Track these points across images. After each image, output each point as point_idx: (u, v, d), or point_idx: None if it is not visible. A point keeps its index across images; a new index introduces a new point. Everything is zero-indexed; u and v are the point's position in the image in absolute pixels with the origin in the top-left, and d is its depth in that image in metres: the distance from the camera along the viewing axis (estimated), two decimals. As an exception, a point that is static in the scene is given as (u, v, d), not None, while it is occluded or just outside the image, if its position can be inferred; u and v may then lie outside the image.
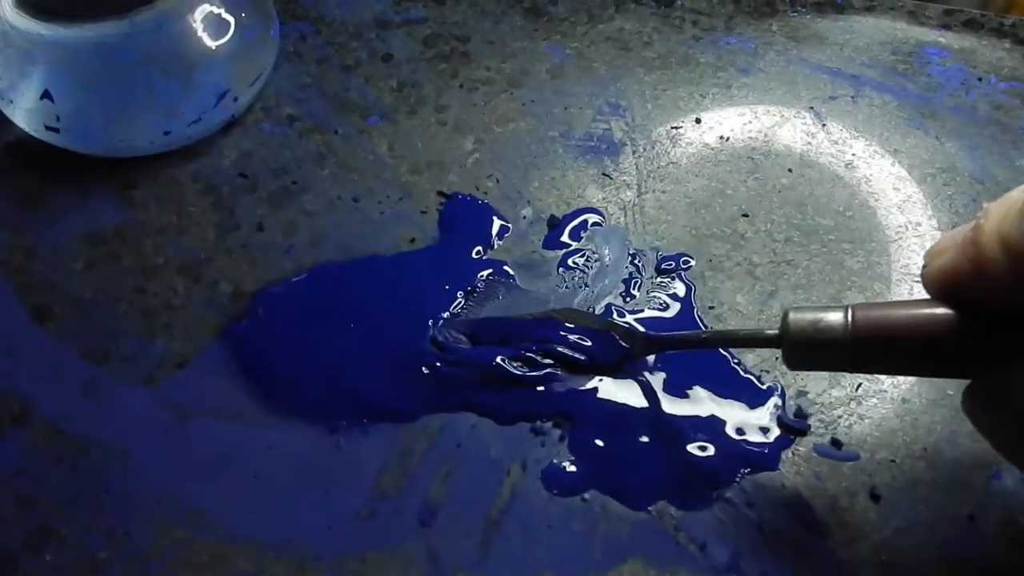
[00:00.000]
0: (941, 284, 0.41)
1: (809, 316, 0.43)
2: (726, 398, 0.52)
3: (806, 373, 0.53)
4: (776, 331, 0.45)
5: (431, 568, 0.46)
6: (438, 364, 0.51)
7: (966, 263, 0.38)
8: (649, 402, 0.51)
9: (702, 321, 0.55)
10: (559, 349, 0.52)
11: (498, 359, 0.51)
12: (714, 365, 0.53)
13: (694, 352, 0.53)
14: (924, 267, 0.42)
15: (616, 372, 0.52)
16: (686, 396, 0.52)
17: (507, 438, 0.50)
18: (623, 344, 0.52)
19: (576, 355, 0.51)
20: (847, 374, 0.53)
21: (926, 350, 0.41)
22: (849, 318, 0.42)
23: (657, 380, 0.52)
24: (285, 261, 0.55)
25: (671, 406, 0.51)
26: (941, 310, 0.40)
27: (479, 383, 0.51)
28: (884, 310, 0.42)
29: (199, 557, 0.45)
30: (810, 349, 0.43)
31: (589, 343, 0.52)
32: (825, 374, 0.53)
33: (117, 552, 0.45)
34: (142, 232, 0.55)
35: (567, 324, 0.52)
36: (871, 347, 0.42)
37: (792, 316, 0.44)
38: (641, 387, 0.52)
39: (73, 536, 0.45)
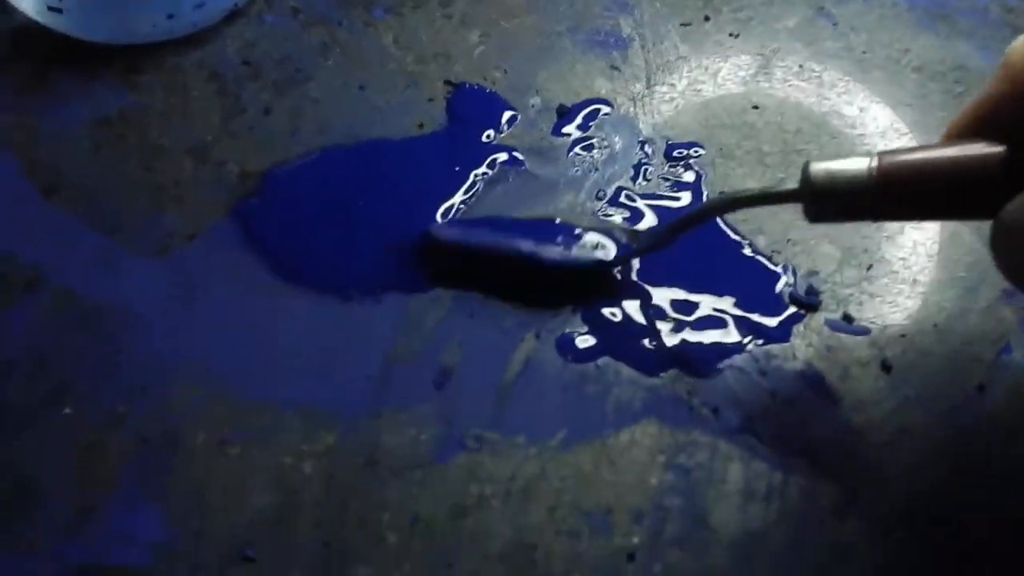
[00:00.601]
0: (973, 117, 0.44)
1: (831, 165, 0.45)
2: (738, 277, 0.57)
3: (817, 253, 0.58)
4: (795, 185, 0.47)
5: (446, 426, 0.50)
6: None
7: (998, 85, 0.42)
8: (663, 277, 0.56)
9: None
10: (558, 250, 0.55)
11: None
12: (725, 248, 0.58)
13: (705, 236, 0.58)
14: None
15: (618, 270, 0.56)
16: (698, 275, 0.57)
17: (520, 310, 0.55)
18: (626, 243, 0.56)
19: (577, 255, 0.55)
20: (859, 252, 0.58)
21: (954, 188, 0.43)
22: (873, 163, 0.44)
23: (669, 263, 0.57)
24: (292, 145, 0.59)
25: (684, 287, 0.56)
26: (969, 144, 0.43)
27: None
28: (909, 153, 0.45)
29: (216, 413, 0.49)
30: (834, 199, 0.45)
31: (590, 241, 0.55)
32: (836, 254, 0.58)
33: (134, 407, 0.49)
34: (147, 116, 0.60)
35: (566, 224, 0.56)
36: (897, 191, 0.44)
37: (813, 167, 0.46)
38: (658, 261, 0.56)
39: (90, 393, 0.49)
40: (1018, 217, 0.41)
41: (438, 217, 0.58)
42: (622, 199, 0.59)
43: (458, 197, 0.58)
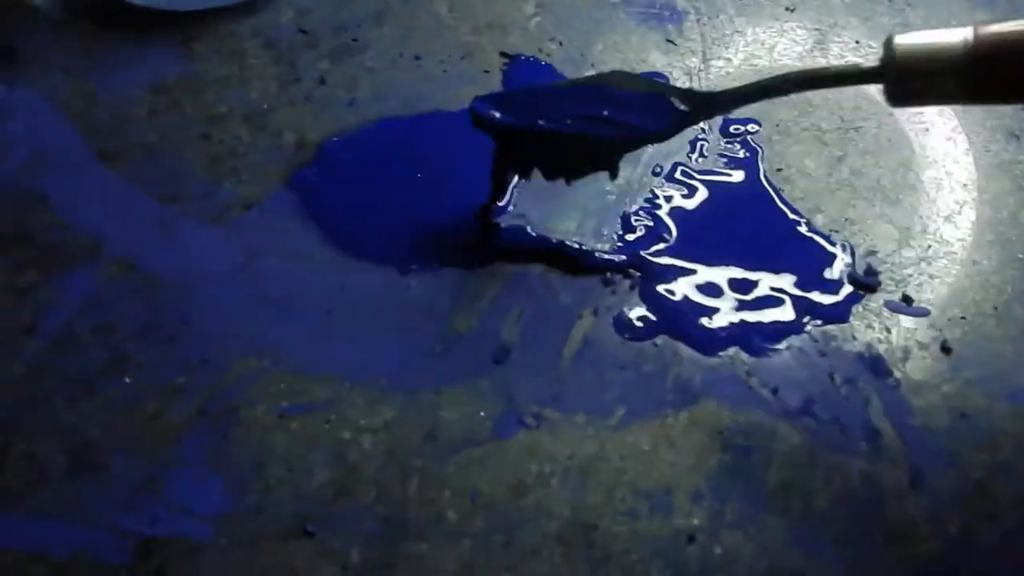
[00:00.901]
0: None
1: (919, 38, 0.40)
2: (796, 256, 0.54)
3: (876, 232, 0.55)
4: (875, 63, 0.41)
5: (505, 402, 0.48)
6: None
7: None
8: (720, 255, 0.53)
9: (770, 183, 0.56)
10: (604, 115, 0.48)
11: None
12: (783, 226, 0.55)
13: (763, 214, 0.55)
14: None
15: (669, 138, 0.50)
16: (756, 254, 0.54)
17: (578, 286, 0.52)
18: (680, 107, 0.49)
19: (625, 120, 0.48)
20: (918, 232, 0.55)
21: None
22: (969, 36, 0.39)
23: (728, 239, 0.54)
24: (348, 114, 0.57)
25: (741, 265, 0.53)
26: None
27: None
28: (1010, 24, 0.39)
29: (276, 386, 0.47)
30: (922, 77, 0.40)
31: (639, 108, 0.49)
32: (895, 233, 0.55)
33: (194, 378, 0.47)
34: (204, 83, 0.57)
35: (615, 90, 0.49)
36: (997, 66, 0.39)
37: (898, 41, 0.40)
38: (715, 239, 0.54)
39: (150, 363, 0.47)
40: None
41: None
42: (678, 175, 0.56)
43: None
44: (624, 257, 0.53)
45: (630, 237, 0.54)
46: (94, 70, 0.56)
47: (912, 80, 0.40)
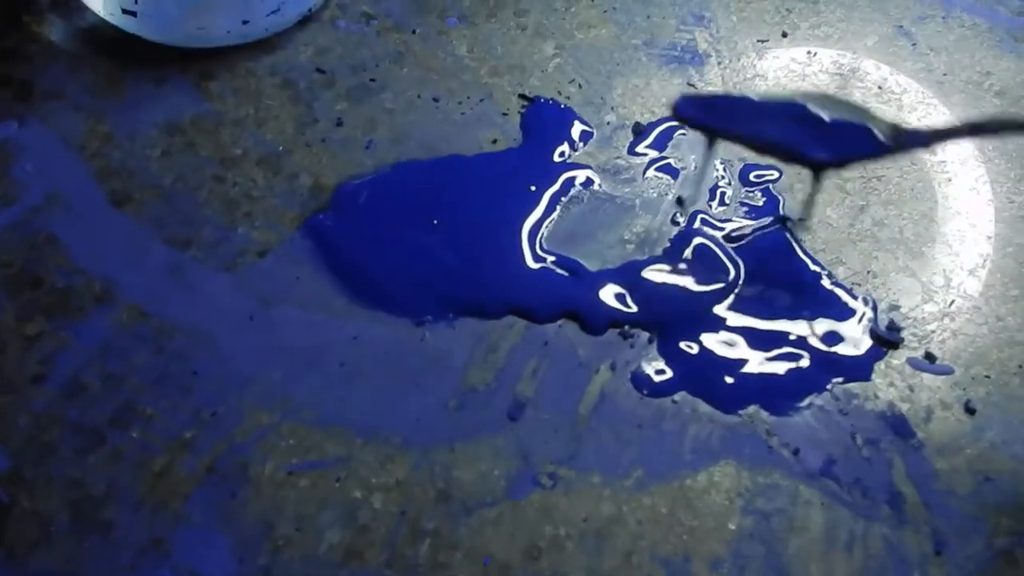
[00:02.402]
0: None
1: None
2: (817, 309, 0.52)
3: (898, 286, 0.52)
4: None
5: (521, 461, 0.46)
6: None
7: None
8: (740, 309, 0.51)
9: (792, 234, 0.54)
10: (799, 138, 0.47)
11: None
12: (804, 277, 0.53)
13: (785, 265, 0.53)
14: None
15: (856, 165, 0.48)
16: (776, 307, 0.51)
17: (595, 339, 0.50)
18: (883, 140, 0.47)
19: (818, 150, 0.47)
20: (941, 286, 0.52)
21: None
22: None
23: (748, 291, 0.52)
24: (365, 157, 0.54)
25: (763, 317, 0.51)
26: None
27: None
28: None
29: (286, 441, 0.45)
30: None
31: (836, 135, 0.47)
32: (917, 287, 0.53)
33: (204, 432, 0.45)
34: (219, 123, 0.55)
35: (815, 110, 0.47)
36: None
37: None
38: (730, 294, 0.51)
39: (160, 415, 0.45)
40: None
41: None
42: (697, 224, 0.54)
43: (533, 218, 0.53)
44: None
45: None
46: (109, 108, 0.54)
47: None
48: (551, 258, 0.51)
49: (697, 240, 0.53)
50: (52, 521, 0.42)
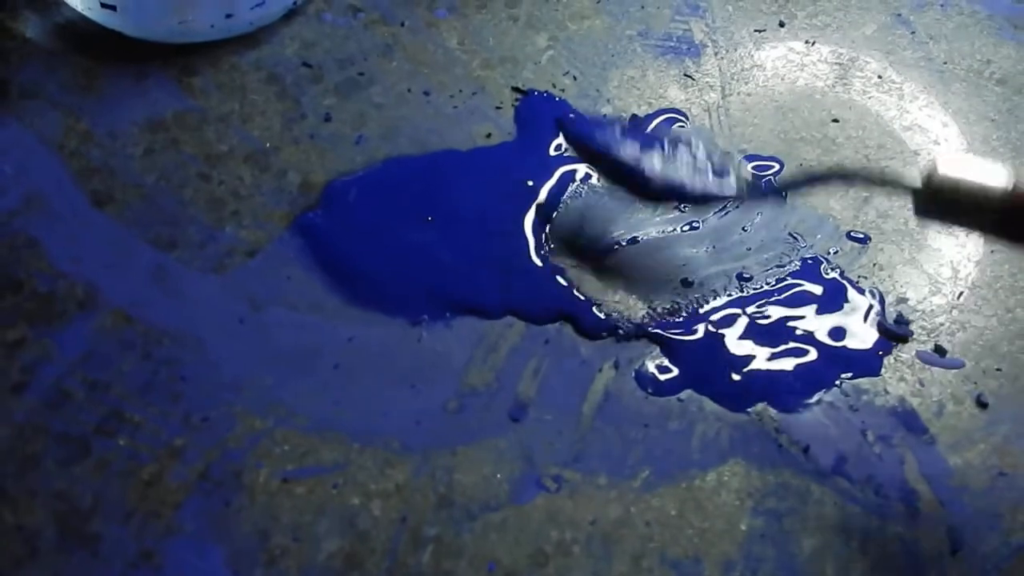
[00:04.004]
0: None
1: (961, 172, 0.40)
2: (825, 304, 0.51)
3: (905, 279, 0.52)
4: (917, 181, 0.42)
5: (524, 464, 0.45)
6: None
7: None
8: (745, 305, 0.50)
9: (792, 231, 0.53)
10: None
11: None
12: (810, 272, 0.52)
13: (790, 258, 0.52)
14: None
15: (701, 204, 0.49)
16: (784, 302, 0.51)
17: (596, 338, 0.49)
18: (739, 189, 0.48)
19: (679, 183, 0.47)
20: (948, 278, 0.52)
21: None
22: (1010, 185, 0.40)
23: (754, 285, 0.51)
24: (355, 153, 0.53)
25: (768, 315, 0.50)
26: None
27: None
28: None
29: (281, 447, 0.44)
30: (957, 210, 0.41)
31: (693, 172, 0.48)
32: (924, 280, 0.52)
33: (194, 439, 0.44)
34: (203, 119, 0.54)
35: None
36: None
37: (941, 171, 0.41)
38: (738, 289, 0.51)
39: (148, 422, 0.44)
40: None
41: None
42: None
43: (531, 215, 0.52)
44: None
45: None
46: (88, 106, 0.53)
47: (945, 209, 0.42)
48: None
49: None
50: (37, 536, 0.41)
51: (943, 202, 0.41)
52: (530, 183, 0.53)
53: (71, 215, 0.49)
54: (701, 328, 0.49)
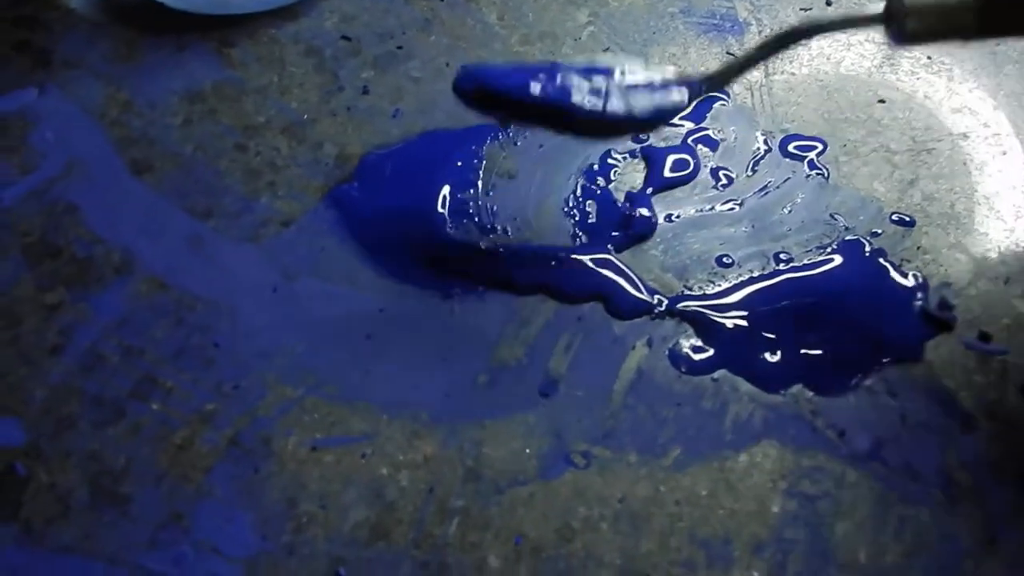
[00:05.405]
0: None
1: None
2: (865, 287, 0.50)
3: (949, 263, 0.51)
4: (878, 8, 0.40)
5: (554, 439, 0.45)
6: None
7: None
8: (784, 288, 0.50)
9: (834, 212, 0.53)
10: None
11: None
12: (852, 254, 0.51)
13: (829, 242, 0.51)
14: None
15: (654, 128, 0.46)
16: (821, 285, 0.50)
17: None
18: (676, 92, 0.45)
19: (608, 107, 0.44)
20: (994, 263, 0.51)
21: None
22: None
23: (790, 267, 0.51)
24: (392, 126, 0.54)
25: (806, 296, 0.50)
26: None
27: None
28: None
29: (311, 416, 0.44)
30: (931, 14, 0.39)
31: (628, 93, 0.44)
32: (969, 264, 0.51)
33: (225, 406, 0.44)
34: (242, 90, 0.54)
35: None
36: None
37: None
38: (776, 271, 0.50)
39: (180, 388, 0.45)
40: None
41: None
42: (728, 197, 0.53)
43: (568, 187, 0.52)
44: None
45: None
46: (129, 75, 0.54)
47: (920, 17, 0.39)
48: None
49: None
50: (70, 495, 0.42)
51: (915, 16, 0.39)
52: (565, 157, 0.53)
53: (110, 183, 0.50)
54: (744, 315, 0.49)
